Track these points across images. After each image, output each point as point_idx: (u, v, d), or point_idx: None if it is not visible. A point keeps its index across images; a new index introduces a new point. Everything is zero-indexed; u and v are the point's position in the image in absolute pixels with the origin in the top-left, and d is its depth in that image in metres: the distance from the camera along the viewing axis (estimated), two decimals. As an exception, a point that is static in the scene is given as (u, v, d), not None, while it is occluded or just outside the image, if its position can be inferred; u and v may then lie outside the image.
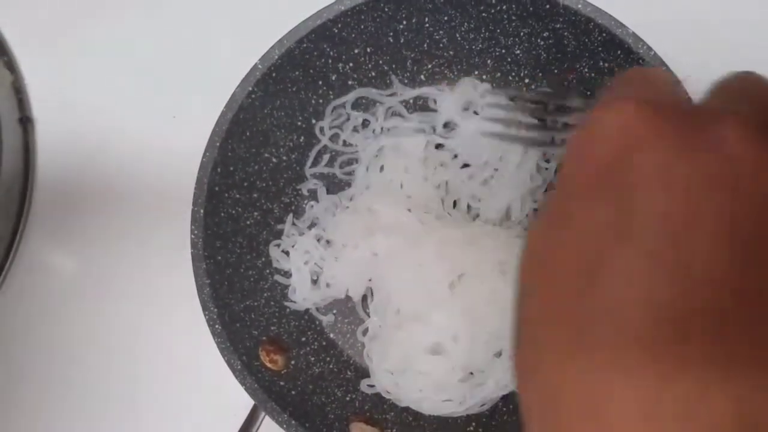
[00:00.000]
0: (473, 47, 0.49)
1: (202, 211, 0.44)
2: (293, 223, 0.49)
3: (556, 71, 0.48)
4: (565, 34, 0.45)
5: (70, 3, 0.58)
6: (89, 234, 0.54)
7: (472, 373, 0.45)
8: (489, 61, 0.49)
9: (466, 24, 0.47)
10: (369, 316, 0.48)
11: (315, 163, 0.51)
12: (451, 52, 0.49)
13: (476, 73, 0.50)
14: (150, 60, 0.56)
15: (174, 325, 0.50)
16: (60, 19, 0.58)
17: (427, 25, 0.48)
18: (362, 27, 0.47)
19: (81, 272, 0.54)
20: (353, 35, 0.47)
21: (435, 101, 0.50)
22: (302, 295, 0.48)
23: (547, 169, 0.48)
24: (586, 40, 0.44)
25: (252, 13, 0.55)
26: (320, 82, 0.49)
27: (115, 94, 0.56)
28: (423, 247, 0.45)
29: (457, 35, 0.48)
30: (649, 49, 0.42)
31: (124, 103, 0.55)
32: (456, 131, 0.49)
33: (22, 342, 0.52)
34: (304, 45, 0.46)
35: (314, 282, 0.49)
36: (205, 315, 0.43)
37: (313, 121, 0.50)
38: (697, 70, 0.46)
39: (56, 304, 0.53)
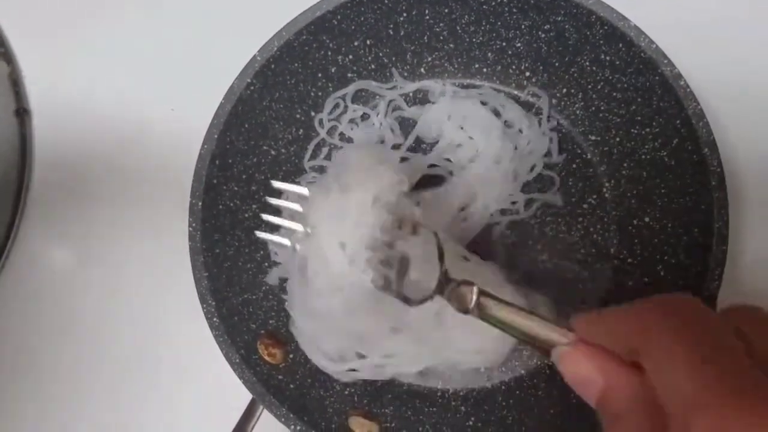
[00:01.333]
0: (474, 40, 0.49)
1: (200, 203, 0.44)
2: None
3: (556, 64, 0.48)
4: (567, 26, 0.45)
5: (67, -6, 0.58)
6: (86, 226, 0.53)
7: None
8: (489, 54, 0.49)
9: (466, 16, 0.47)
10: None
11: (313, 156, 0.51)
12: (451, 45, 0.49)
13: (477, 66, 0.50)
14: (148, 52, 0.56)
15: (172, 318, 0.50)
16: (57, 10, 0.57)
17: (427, 17, 0.47)
18: (362, 19, 0.47)
19: (77, 265, 0.53)
20: (353, 27, 0.47)
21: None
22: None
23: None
24: (588, 32, 0.44)
25: (251, 5, 0.55)
26: (319, 75, 0.49)
27: (113, 86, 0.55)
28: None
29: (458, 28, 0.48)
30: (651, 42, 0.42)
31: (121, 95, 0.55)
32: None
33: (18, 334, 0.52)
34: (304, 37, 0.46)
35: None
36: (203, 308, 0.43)
37: (312, 114, 0.50)
38: (699, 65, 0.46)
39: (52, 297, 0.52)
